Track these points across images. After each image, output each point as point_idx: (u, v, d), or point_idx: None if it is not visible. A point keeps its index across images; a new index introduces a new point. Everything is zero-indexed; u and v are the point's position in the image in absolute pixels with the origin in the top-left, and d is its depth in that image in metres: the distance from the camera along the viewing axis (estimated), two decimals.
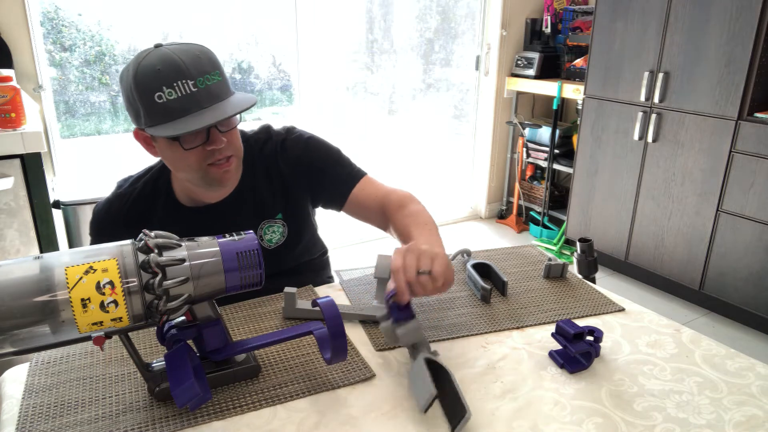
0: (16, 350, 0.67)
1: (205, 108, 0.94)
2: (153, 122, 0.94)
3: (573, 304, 1.08)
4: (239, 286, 0.78)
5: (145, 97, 0.93)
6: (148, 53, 0.94)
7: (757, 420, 0.78)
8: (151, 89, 0.92)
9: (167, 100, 0.92)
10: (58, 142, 2.57)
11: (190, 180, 1.06)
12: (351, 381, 0.84)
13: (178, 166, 1.03)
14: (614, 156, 2.96)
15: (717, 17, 2.40)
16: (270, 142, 1.18)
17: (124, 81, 0.97)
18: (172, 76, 0.92)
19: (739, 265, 2.49)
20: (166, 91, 0.92)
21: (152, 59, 0.93)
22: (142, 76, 0.93)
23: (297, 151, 1.17)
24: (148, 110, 0.94)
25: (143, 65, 0.93)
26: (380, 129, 3.71)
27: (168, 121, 0.93)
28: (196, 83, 0.93)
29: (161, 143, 1.00)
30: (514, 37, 3.62)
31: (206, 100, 0.95)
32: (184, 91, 0.93)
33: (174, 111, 0.93)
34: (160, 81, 0.92)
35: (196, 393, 0.72)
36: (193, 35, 2.91)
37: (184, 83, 0.92)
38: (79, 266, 0.68)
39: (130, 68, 0.95)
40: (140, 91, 0.93)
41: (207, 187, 1.07)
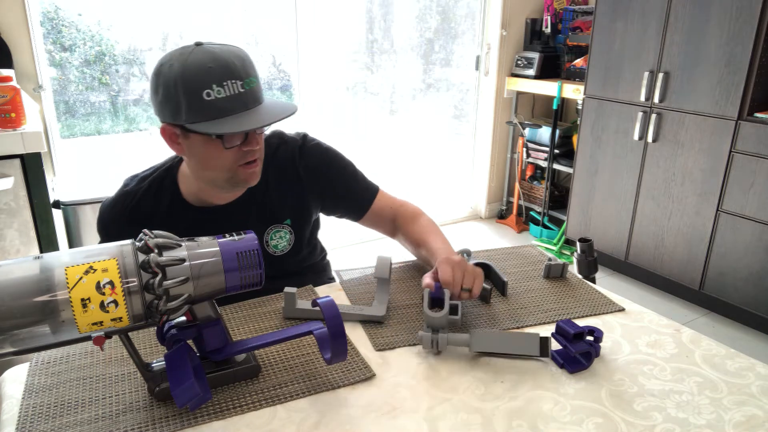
0: (17, 350, 0.67)
1: (249, 109, 0.96)
2: (195, 119, 0.94)
3: (573, 304, 1.08)
4: (239, 286, 0.78)
5: (192, 93, 0.92)
6: (192, 50, 0.94)
7: (757, 420, 0.78)
8: (200, 86, 0.92)
9: (216, 98, 0.92)
10: (58, 142, 2.57)
11: (215, 180, 1.05)
12: (351, 381, 0.84)
13: (208, 165, 1.02)
14: (614, 156, 2.96)
15: (717, 17, 2.40)
16: (284, 147, 1.18)
17: (164, 76, 0.94)
18: (223, 74, 0.92)
19: (739, 265, 2.49)
20: (216, 89, 0.92)
21: (201, 56, 0.93)
22: (192, 71, 0.92)
23: (316, 160, 1.19)
24: (192, 106, 0.93)
25: (192, 62, 0.92)
26: (380, 129, 3.71)
27: (212, 119, 0.93)
28: (244, 84, 0.95)
29: (195, 141, 0.98)
30: (514, 37, 3.62)
31: (251, 101, 0.96)
32: (233, 91, 0.93)
33: (221, 109, 0.93)
34: (211, 79, 0.92)
35: (196, 393, 0.72)
36: (193, 35, 2.91)
37: (234, 83, 0.93)
38: (79, 266, 0.68)
39: (174, 64, 0.93)
40: (187, 87, 0.92)
41: (230, 188, 1.07)
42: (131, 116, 2.90)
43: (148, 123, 2.96)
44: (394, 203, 1.25)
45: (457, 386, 0.84)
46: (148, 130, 2.97)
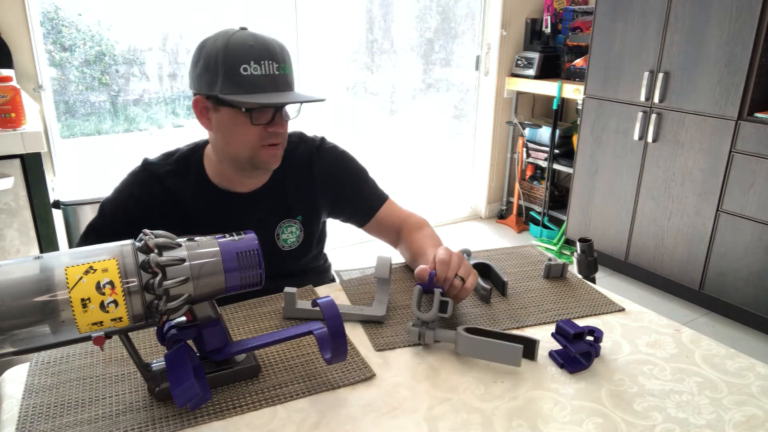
0: (17, 350, 0.67)
1: (281, 91, 1.02)
2: (230, 91, 1.00)
3: (573, 304, 1.08)
4: (239, 286, 0.78)
5: (231, 66, 0.98)
6: (237, 31, 1.01)
7: (757, 420, 0.78)
8: (240, 60, 0.98)
9: (252, 74, 0.99)
10: (58, 142, 2.57)
11: (237, 157, 1.08)
12: (351, 381, 0.84)
13: (233, 141, 1.07)
14: (614, 156, 2.96)
15: (717, 17, 2.40)
16: (303, 146, 1.23)
17: (207, 48, 1.01)
18: (262, 54, 0.99)
19: (739, 265, 2.49)
20: (253, 65, 0.99)
21: (244, 36, 1.00)
22: (234, 47, 0.99)
23: (331, 161, 1.24)
24: (229, 78, 0.99)
25: (235, 39, 0.99)
26: (380, 129, 3.71)
27: (246, 92, 0.99)
28: (279, 67, 1.01)
29: (225, 114, 1.03)
30: (514, 37, 3.62)
31: (283, 84, 1.03)
32: (269, 71, 1.00)
33: (255, 85, 0.99)
34: (251, 56, 0.98)
35: (196, 393, 0.72)
36: (193, 35, 2.91)
37: (270, 64, 1.00)
38: (79, 266, 0.68)
39: (219, 39, 1.00)
40: (227, 60, 0.98)
41: (251, 169, 1.11)
42: (131, 116, 2.90)
43: (148, 123, 2.96)
44: (401, 214, 1.27)
45: (457, 386, 0.84)
46: (148, 130, 2.97)
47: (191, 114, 2.91)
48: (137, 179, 1.15)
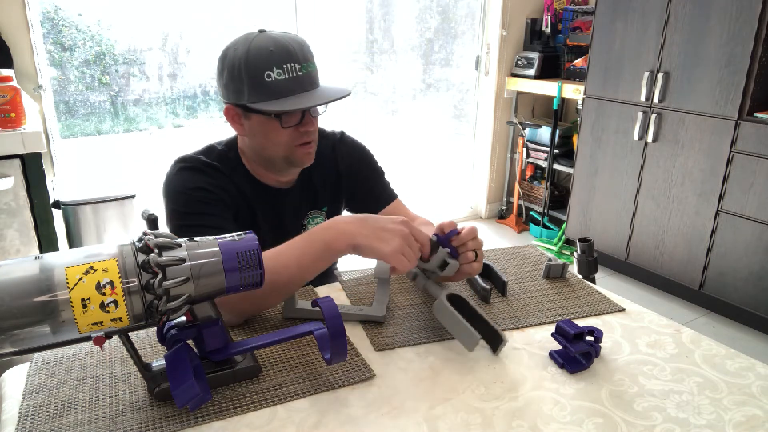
0: (17, 350, 0.67)
1: (307, 91, 1.03)
2: (257, 99, 1.02)
3: (573, 305, 1.08)
4: (239, 287, 0.78)
5: (254, 75, 1.00)
6: (256, 36, 1.02)
7: (757, 420, 0.78)
8: (262, 68, 1.00)
9: (276, 80, 1.00)
10: (58, 142, 2.58)
11: (273, 158, 1.12)
12: (351, 381, 0.84)
13: (267, 144, 1.09)
14: (614, 156, 2.96)
15: (717, 17, 2.40)
16: (324, 141, 1.26)
17: (230, 58, 1.02)
18: (283, 57, 1.00)
19: (739, 265, 2.49)
20: (276, 71, 1.00)
21: (264, 41, 1.01)
22: (255, 55, 1.00)
23: (354, 155, 1.29)
24: (254, 87, 1.01)
25: (255, 45, 1.00)
26: (380, 129, 3.71)
27: (273, 98, 1.01)
28: (302, 68, 1.02)
29: (255, 120, 1.06)
30: (514, 37, 3.62)
31: (308, 84, 1.04)
32: (292, 73, 1.01)
33: (280, 90, 1.01)
34: (272, 61, 1.00)
35: (196, 393, 0.72)
36: (193, 35, 2.91)
37: (292, 66, 1.01)
38: (79, 266, 0.68)
39: (239, 47, 1.01)
40: (250, 69, 1.00)
41: (287, 167, 1.14)
42: (131, 116, 2.90)
43: (148, 123, 2.96)
44: (408, 214, 1.31)
45: (457, 386, 0.84)
46: (148, 130, 2.97)
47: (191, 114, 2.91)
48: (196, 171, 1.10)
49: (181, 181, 1.08)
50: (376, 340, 0.95)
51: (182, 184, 1.08)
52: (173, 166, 1.11)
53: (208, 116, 3.04)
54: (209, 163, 1.12)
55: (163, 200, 1.10)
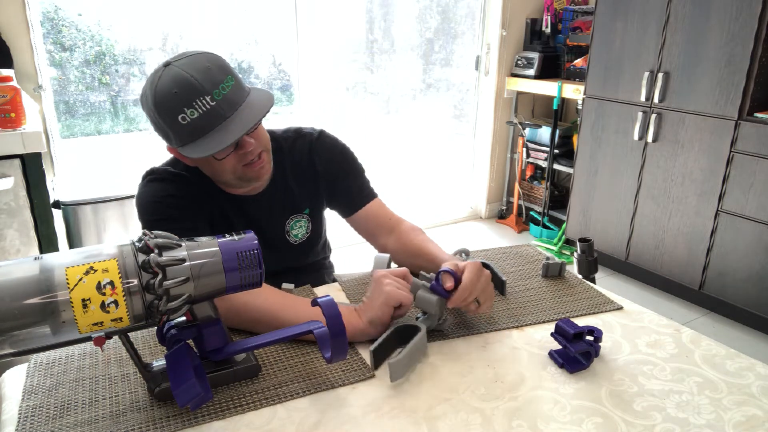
0: (17, 351, 0.67)
1: (228, 118, 0.97)
2: (182, 142, 0.98)
3: (571, 303, 1.08)
4: (239, 286, 0.78)
5: (169, 120, 0.96)
6: (161, 75, 0.96)
7: (757, 420, 0.78)
8: (173, 112, 0.95)
9: (191, 120, 0.95)
10: (58, 142, 2.57)
11: (227, 181, 1.09)
12: (351, 381, 0.84)
13: (215, 173, 1.08)
14: (614, 156, 2.96)
15: (717, 17, 2.40)
16: (301, 140, 1.23)
17: (145, 107, 1.00)
18: (189, 95, 0.94)
19: (739, 265, 2.49)
20: (188, 111, 0.95)
21: (166, 82, 0.95)
22: (161, 100, 0.95)
23: (331, 154, 1.24)
24: (175, 132, 0.97)
25: (159, 90, 0.95)
26: (380, 129, 3.71)
27: (196, 139, 0.97)
28: (213, 97, 0.95)
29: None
30: (514, 37, 3.62)
31: (227, 109, 0.97)
32: (204, 108, 0.95)
33: (200, 129, 0.96)
34: (179, 103, 0.94)
35: (197, 392, 0.72)
36: (193, 35, 2.91)
37: (202, 100, 0.95)
38: (79, 266, 0.68)
39: (148, 94, 0.98)
40: (163, 116, 0.96)
41: (246, 185, 1.11)
42: (131, 116, 2.90)
43: (147, 123, 2.96)
44: (392, 216, 1.27)
45: (457, 386, 0.84)
46: (148, 130, 2.97)
47: None
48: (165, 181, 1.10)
49: (151, 192, 1.09)
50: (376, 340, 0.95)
51: (152, 194, 1.09)
52: (142, 180, 1.12)
53: None
54: (177, 173, 1.11)
55: (137, 214, 1.11)
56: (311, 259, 1.30)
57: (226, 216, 1.16)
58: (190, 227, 1.06)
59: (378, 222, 1.25)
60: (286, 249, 1.23)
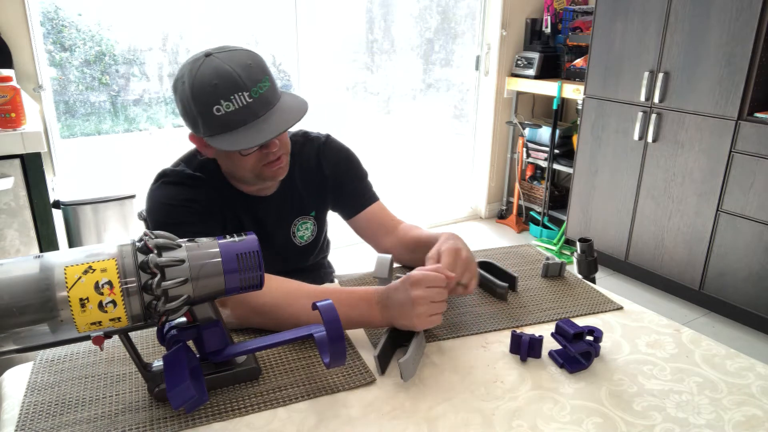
0: (16, 348, 0.67)
1: (260, 116, 0.97)
2: (211, 132, 0.98)
3: (571, 303, 1.08)
4: (239, 288, 0.77)
5: (203, 110, 0.96)
6: (201, 64, 0.96)
7: (757, 420, 0.77)
8: (209, 103, 0.95)
9: (225, 113, 0.95)
10: (58, 142, 2.57)
11: (244, 178, 1.10)
12: (352, 385, 0.84)
13: (233, 169, 1.09)
14: (614, 156, 2.96)
15: (717, 17, 2.40)
16: (309, 144, 1.25)
17: (179, 92, 0.99)
18: (229, 89, 0.94)
19: (739, 265, 2.49)
20: (224, 104, 0.95)
21: (207, 73, 0.95)
22: (199, 90, 0.95)
23: (337, 158, 1.26)
24: (206, 122, 0.97)
25: (199, 79, 0.95)
26: (380, 129, 3.71)
27: (226, 131, 0.97)
28: (251, 94, 0.96)
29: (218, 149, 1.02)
30: (514, 37, 3.62)
31: (261, 108, 0.98)
32: (241, 103, 0.95)
33: (232, 122, 0.96)
34: (218, 95, 0.94)
35: (191, 395, 0.72)
36: (193, 35, 2.91)
37: (241, 95, 0.95)
38: (78, 266, 0.68)
39: (186, 81, 0.97)
40: (198, 105, 0.96)
41: (260, 183, 1.12)
42: (131, 116, 2.90)
43: (148, 123, 2.96)
44: (392, 218, 1.30)
45: (457, 386, 0.84)
46: (148, 130, 2.97)
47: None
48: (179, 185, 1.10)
49: (164, 194, 1.09)
50: (377, 343, 0.95)
51: (166, 196, 1.09)
52: (155, 181, 1.12)
53: None
54: (191, 175, 1.11)
55: (146, 215, 1.11)
56: (312, 260, 1.31)
57: (237, 216, 1.17)
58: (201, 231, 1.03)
59: (379, 223, 1.28)
60: (291, 250, 1.24)
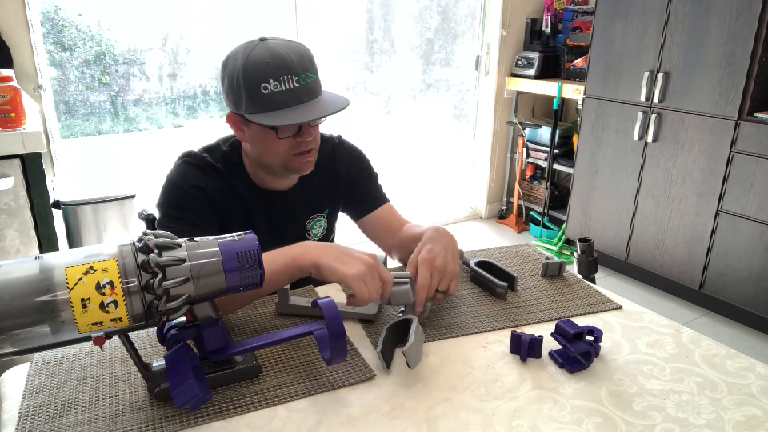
0: (17, 350, 0.67)
1: (303, 102, 1.02)
2: (254, 110, 1.02)
3: (571, 303, 1.08)
4: (239, 287, 0.78)
5: (251, 86, 1.00)
6: (256, 45, 1.02)
7: (757, 420, 0.78)
8: (259, 80, 0.99)
9: (272, 92, 1.00)
10: (58, 142, 2.57)
11: (271, 165, 1.12)
12: (351, 381, 0.84)
13: (265, 152, 1.10)
14: (614, 156, 2.96)
15: (717, 17, 2.40)
16: (323, 144, 1.27)
17: (229, 68, 1.03)
18: (280, 70, 1.00)
19: (739, 265, 2.49)
20: (272, 83, 1.00)
21: (262, 52, 1.00)
22: (252, 66, 1.00)
23: (350, 158, 1.30)
24: (251, 98, 1.01)
25: (253, 56, 1.00)
26: (380, 129, 3.71)
27: (268, 110, 1.01)
28: (299, 79, 1.01)
29: (254, 129, 1.07)
30: (514, 37, 3.62)
31: (305, 95, 1.03)
32: (289, 86, 1.00)
33: (276, 102, 1.01)
34: (269, 73, 0.99)
35: (195, 393, 0.72)
36: (193, 35, 2.91)
37: (289, 78, 1.00)
38: (79, 266, 0.68)
39: (239, 57, 1.01)
40: (247, 80, 1.00)
41: (286, 174, 1.15)
42: (131, 116, 2.90)
43: (148, 123, 2.96)
44: (399, 219, 1.32)
45: (457, 386, 0.84)
46: (148, 130, 2.97)
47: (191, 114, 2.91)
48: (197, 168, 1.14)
49: (180, 175, 1.13)
50: (376, 340, 0.95)
51: (181, 177, 1.13)
52: (178, 159, 1.16)
53: (208, 116, 3.04)
54: (211, 164, 1.15)
55: (162, 190, 1.14)
56: None
57: (247, 211, 1.18)
58: (195, 222, 1.09)
59: (386, 225, 1.30)
60: None
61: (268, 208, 1.21)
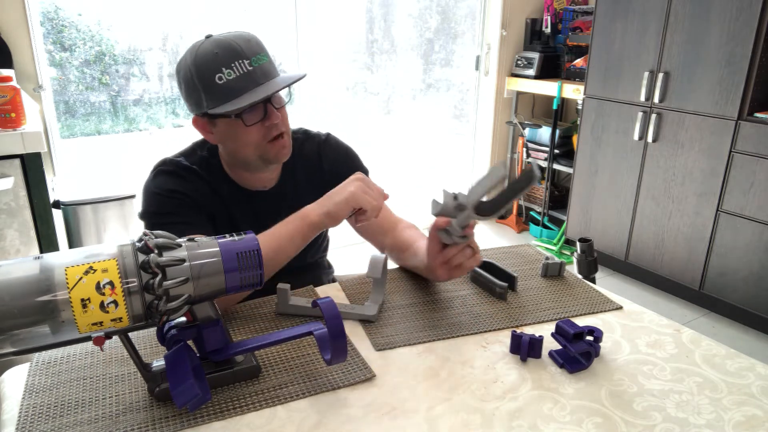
0: (17, 350, 0.67)
1: (261, 84, 1.03)
2: (215, 103, 1.02)
3: (571, 303, 1.08)
4: (239, 287, 0.78)
5: (206, 80, 1.01)
6: (202, 42, 1.03)
7: (757, 420, 0.78)
8: (212, 71, 1.00)
9: (227, 80, 1.00)
10: (58, 142, 2.57)
11: (247, 159, 1.12)
12: (351, 381, 0.84)
13: (238, 147, 1.10)
14: (614, 156, 2.96)
15: (717, 17, 2.40)
16: (309, 142, 1.26)
17: (182, 70, 1.04)
18: (230, 57, 1.00)
19: (739, 265, 2.49)
20: (225, 71, 1.00)
21: (209, 45, 1.01)
22: (202, 61, 1.01)
23: (337, 155, 1.28)
24: (209, 92, 1.02)
25: (201, 51, 1.01)
26: (380, 129, 3.71)
27: (229, 100, 1.01)
28: (251, 62, 1.02)
29: (222, 125, 1.07)
30: (514, 37, 3.62)
31: (261, 77, 1.03)
32: (242, 70, 1.01)
33: (234, 90, 1.01)
34: (219, 63, 1.00)
35: (195, 393, 0.72)
36: (193, 35, 2.91)
37: (241, 63, 1.01)
38: (79, 266, 0.68)
39: (188, 57, 1.03)
40: (200, 75, 1.01)
41: (263, 167, 1.14)
42: (131, 116, 2.90)
43: (148, 123, 2.96)
44: (392, 216, 1.30)
45: (457, 386, 0.84)
46: (148, 130, 2.97)
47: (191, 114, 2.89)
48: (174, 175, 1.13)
49: (157, 184, 1.12)
50: (376, 340, 0.95)
51: (158, 186, 1.12)
52: (153, 170, 1.15)
53: None
54: (187, 167, 1.14)
55: (141, 201, 1.14)
56: (311, 259, 1.31)
57: (230, 215, 1.17)
58: (187, 221, 1.08)
59: (377, 223, 1.26)
60: None
61: (252, 207, 1.19)
